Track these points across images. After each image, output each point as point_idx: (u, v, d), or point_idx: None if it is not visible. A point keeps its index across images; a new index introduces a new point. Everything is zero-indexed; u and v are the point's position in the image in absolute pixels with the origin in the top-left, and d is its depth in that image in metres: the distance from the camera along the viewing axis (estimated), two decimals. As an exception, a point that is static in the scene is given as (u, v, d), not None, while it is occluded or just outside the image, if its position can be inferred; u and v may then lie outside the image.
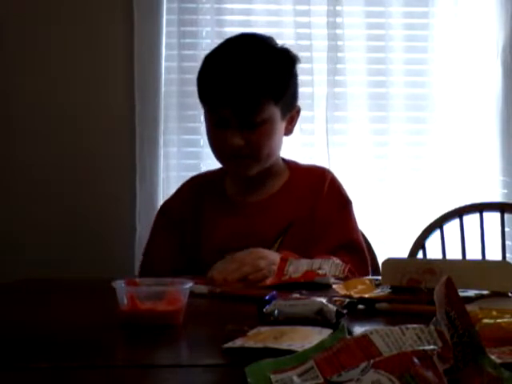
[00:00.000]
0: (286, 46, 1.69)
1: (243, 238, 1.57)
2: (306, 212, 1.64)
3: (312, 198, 1.67)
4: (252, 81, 1.56)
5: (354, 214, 1.72)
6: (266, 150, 1.61)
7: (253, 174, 1.65)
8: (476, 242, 2.24)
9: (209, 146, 1.69)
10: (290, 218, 1.62)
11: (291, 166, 1.74)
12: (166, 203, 1.83)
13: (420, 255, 2.13)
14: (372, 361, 0.66)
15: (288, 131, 1.69)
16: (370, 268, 1.67)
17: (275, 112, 1.61)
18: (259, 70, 1.57)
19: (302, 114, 2.51)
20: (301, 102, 2.50)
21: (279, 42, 2.51)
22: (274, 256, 1.45)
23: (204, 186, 1.77)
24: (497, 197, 2.53)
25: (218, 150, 1.65)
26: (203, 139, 2.39)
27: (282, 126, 1.65)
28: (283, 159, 1.75)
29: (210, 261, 1.51)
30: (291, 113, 1.68)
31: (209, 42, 2.51)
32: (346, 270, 1.42)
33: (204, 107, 1.66)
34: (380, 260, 1.64)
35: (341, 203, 1.70)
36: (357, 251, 1.64)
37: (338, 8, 2.53)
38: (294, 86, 1.67)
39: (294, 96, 1.68)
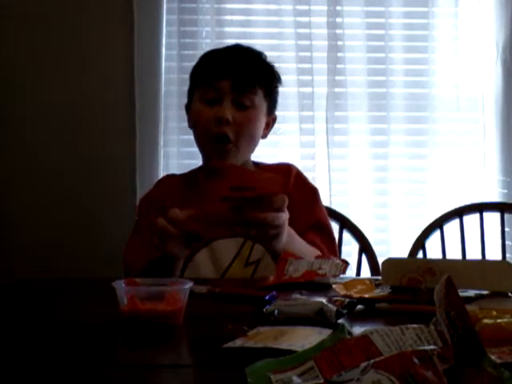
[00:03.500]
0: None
1: None
2: None
3: (281, 191, 1.71)
4: (251, 64, 1.69)
5: (320, 200, 1.79)
6: (247, 136, 1.68)
7: (230, 162, 1.69)
8: (476, 242, 2.24)
9: (193, 128, 1.75)
10: None
11: (258, 166, 1.82)
12: (146, 197, 1.84)
13: (420, 255, 2.13)
14: (372, 361, 0.66)
15: (263, 135, 1.77)
16: (337, 247, 1.78)
17: (264, 104, 1.70)
18: (257, 61, 1.72)
19: (302, 113, 2.55)
20: (301, 102, 2.54)
21: (279, 41, 2.55)
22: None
23: (179, 181, 1.84)
24: (496, 197, 2.53)
25: (203, 128, 1.69)
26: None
27: (263, 122, 1.73)
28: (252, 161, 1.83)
29: None
30: (271, 116, 1.76)
31: (209, 41, 2.51)
32: (345, 270, 1.43)
33: (198, 86, 1.72)
34: (380, 260, 1.64)
35: (307, 192, 1.77)
36: (325, 231, 1.72)
37: (338, 8, 2.54)
38: (277, 96, 1.78)
39: (275, 102, 1.78)
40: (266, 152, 2.22)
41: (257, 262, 1.64)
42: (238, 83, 1.65)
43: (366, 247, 2.07)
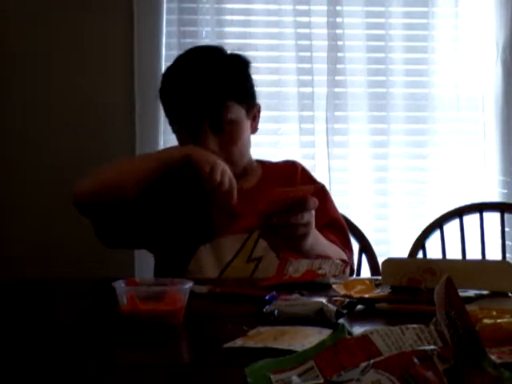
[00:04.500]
0: (236, 52, 1.76)
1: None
2: None
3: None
4: (213, 83, 1.64)
5: (330, 196, 1.80)
6: (237, 150, 1.69)
7: None
8: (476, 242, 2.24)
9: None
10: None
11: (263, 164, 1.83)
12: None
13: (420, 255, 2.13)
14: (372, 361, 0.66)
15: (253, 129, 1.77)
16: (351, 243, 1.76)
17: (241, 112, 1.69)
18: (217, 75, 1.66)
19: (302, 113, 2.54)
20: (301, 102, 2.54)
21: (279, 41, 2.54)
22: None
23: None
24: (496, 197, 2.53)
25: None
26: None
27: (248, 125, 1.73)
28: (256, 160, 1.83)
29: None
30: (253, 111, 1.75)
31: (209, 41, 2.51)
32: (347, 270, 1.43)
33: (172, 124, 1.75)
34: (380, 260, 1.64)
35: (316, 190, 1.73)
36: (339, 228, 1.72)
37: (338, 8, 2.53)
38: (251, 85, 1.75)
39: (252, 95, 1.76)
40: (266, 152, 2.22)
41: (259, 259, 1.65)
42: (207, 113, 1.63)
43: (366, 247, 2.07)
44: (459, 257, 2.21)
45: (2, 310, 1.22)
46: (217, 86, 1.64)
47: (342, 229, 1.74)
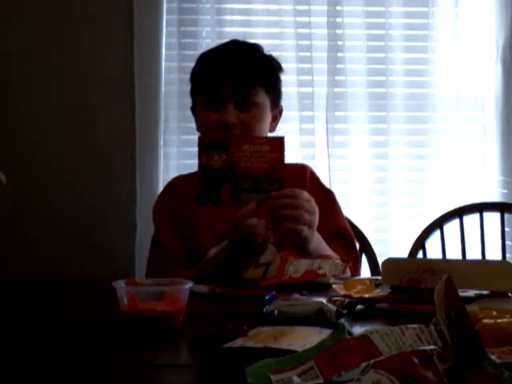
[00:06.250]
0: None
1: None
2: None
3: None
4: (248, 64, 1.70)
5: (338, 203, 1.79)
6: (257, 129, 1.70)
7: None
8: (476, 242, 2.24)
9: (200, 132, 1.77)
10: None
11: None
12: (158, 202, 1.85)
13: (420, 255, 2.13)
14: (372, 361, 0.66)
15: (271, 128, 1.78)
16: (358, 252, 1.77)
17: (266, 100, 1.72)
18: (254, 59, 1.72)
19: (302, 113, 2.54)
20: (301, 102, 2.54)
21: (279, 41, 2.55)
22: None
23: (189, 183, 1.82)
24: (496, 197, 2.53)
25: (210, 130, 1.71)
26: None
27: (269, 116, 1.75)
28: None
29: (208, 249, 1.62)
30: (277, 109, 1.78)
31: (209, 41, 2.51)
32: (347, 270, 1.43)
33: (199, 93, 1.74)
34: (380, 260, 1.64)
35: (323, 194, 1.76)
36: (345, 238, 1.72)
37: (338, 8, 2.53)
38: (280, 85, 1.79)
39: (279, 94, 1.79)
40: (266, 152, 2.22)
41: (267, 264, 1.64)
42: (237, 88, 1.67)
43: (366, 247, 2.07)
44: (459, 257, 2.20)
45: (2, 310, 1.22)
46: (253, 69, 1.70)
47: (348, 239, 1.73)
